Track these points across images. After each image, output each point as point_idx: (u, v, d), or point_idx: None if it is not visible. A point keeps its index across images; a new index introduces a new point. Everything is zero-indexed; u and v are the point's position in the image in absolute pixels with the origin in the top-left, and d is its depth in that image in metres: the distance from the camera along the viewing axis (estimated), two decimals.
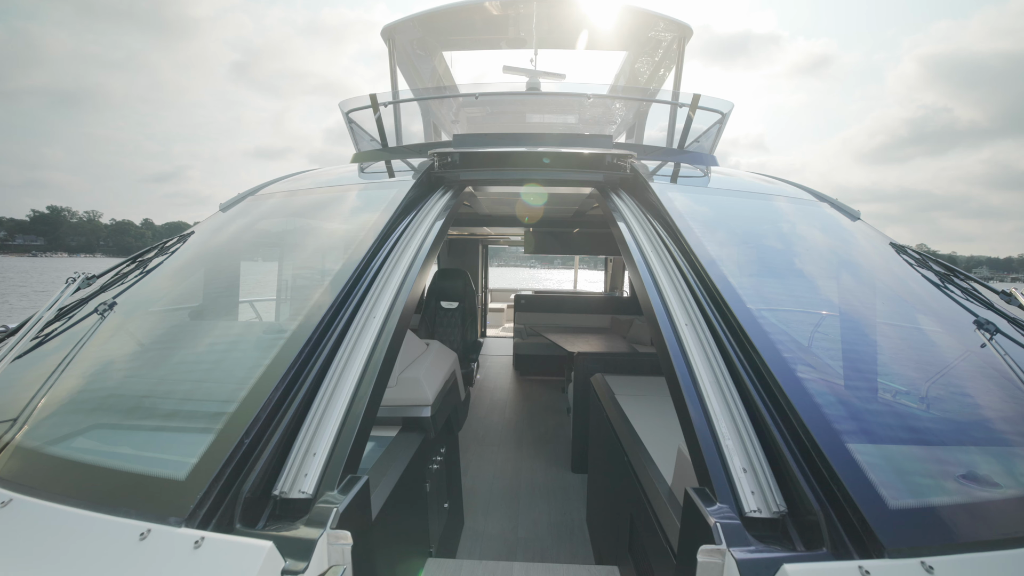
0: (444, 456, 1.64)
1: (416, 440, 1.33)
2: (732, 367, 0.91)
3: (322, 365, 0.90)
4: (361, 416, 0.82)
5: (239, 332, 1.17)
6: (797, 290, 1.22)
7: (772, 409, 0.81)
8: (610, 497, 1.66)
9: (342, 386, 0.87)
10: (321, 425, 0.81)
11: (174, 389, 0.97)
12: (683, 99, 2.57)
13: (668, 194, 1.52)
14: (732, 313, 0.99)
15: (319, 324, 0.95)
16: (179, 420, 0.87)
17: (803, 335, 1.01)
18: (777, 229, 1.56)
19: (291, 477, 0.74)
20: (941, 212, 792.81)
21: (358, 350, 0.94)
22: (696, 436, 0.79)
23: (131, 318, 1.23)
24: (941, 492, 0.69)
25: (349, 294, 1.06)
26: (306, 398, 0.84)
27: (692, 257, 1.19)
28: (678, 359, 0.94)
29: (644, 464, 1.25)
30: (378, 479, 1.11)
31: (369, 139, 2.89)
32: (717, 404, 0.84)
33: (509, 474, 2.77)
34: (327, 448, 0.77)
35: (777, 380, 0.82)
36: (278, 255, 1.54)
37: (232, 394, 0.83)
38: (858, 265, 1.40)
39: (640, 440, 1.39)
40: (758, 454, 0.75)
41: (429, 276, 1.31)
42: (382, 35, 3.47)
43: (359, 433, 0.81)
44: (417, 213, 1.45)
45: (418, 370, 1.44)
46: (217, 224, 1.74)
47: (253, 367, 0.88)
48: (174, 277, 1.44)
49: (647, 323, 1.12)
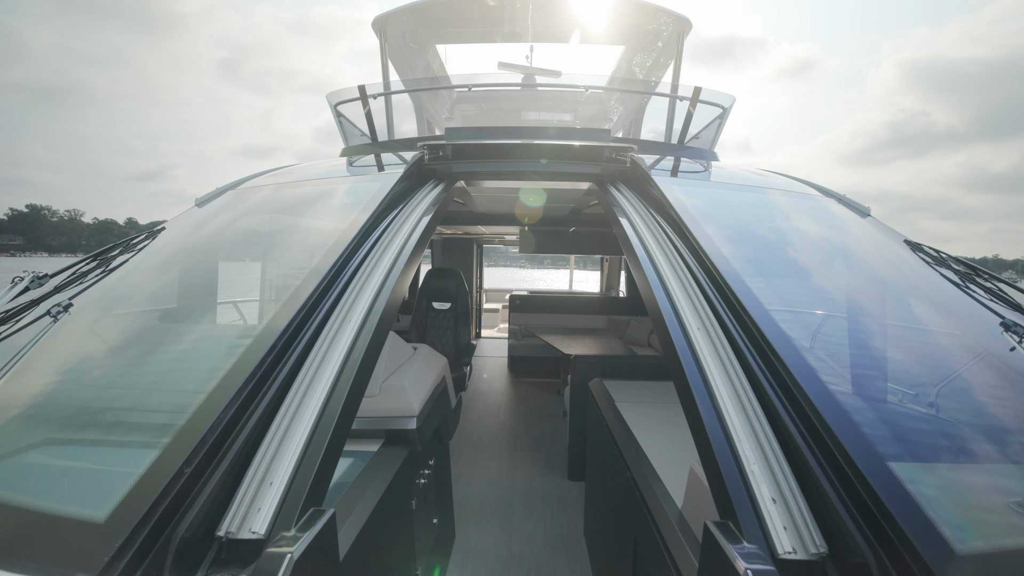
0: (433, 468, 1.53)
1: (400, 454, 1.22)
2: (752, 377, 0.81)
3: (287, 376, 0.78)
4: (329, 435, 0.71)
5: (197, 339, 1.05)
6: (818, 291, 1.13)
7: (802, 427, 0.70)
8: (610, 512, 1.56)
9: (309, 400, 0.75)
10: (282, 448, 0.69)
11: (111, 407, 0.83)
12: (683, 92, 2.49)
13: (672, 188, 1.43)
14: (749, 316, 0.89)
15: (285, 330, 0.83)
16: (111, 445, 0.75)
17: (830, 341, 0.91)
18: (789, 226, 1.48)
19: (241, 513, 0.61)
20: (920, 213, 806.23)
21: (330, 358, 0.82)
22: (715, 459, 0.68)
23: (82, 323, 1.10)
24: (1017, 532, 0.59)
25: (323, 296, 0.95)
26: (265, 416, 0.72)
27: (701, 255, 1.10)
28: (691, 368, 0.84)
29: (649, 481, 1.15)
30: (354, 502, 0.99)
31: (359, 134, 2.76)
32: (738, 420, 0.73)
33: (503, 482, 2.66)
34: (287, 475, 0.65)
35: (806, 393, 0.72)
36: (252, 253, 1.42)
37: (176, 413, 0.71)
38: (878, 264, 1.32)
39: (644, 454, 1.29)
40: (789, 481, 0.65)
41: (412, 275, 1.20)
42: (373, 26, 3.35)
43: (327, 456, 0.69)
44: (404, 207, 1.35)
45: (403, 377, 1.32)
46: (190, 220, 1.62)
47: (205, 380, 0.75)
48: (138, 276, 1.31)
49: (654, 326, 1.02)
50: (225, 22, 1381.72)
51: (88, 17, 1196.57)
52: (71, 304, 1.15)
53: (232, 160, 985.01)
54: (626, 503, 1.32)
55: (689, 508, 0.95)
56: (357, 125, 2.74)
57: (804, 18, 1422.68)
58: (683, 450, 1.35)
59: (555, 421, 3.71)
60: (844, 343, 0.92)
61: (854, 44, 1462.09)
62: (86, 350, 1.04)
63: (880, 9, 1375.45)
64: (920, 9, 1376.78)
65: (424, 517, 1.42)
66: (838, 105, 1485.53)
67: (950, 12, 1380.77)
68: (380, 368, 1.26)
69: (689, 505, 0.95)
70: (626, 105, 3.75)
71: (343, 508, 0.96)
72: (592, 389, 2.02)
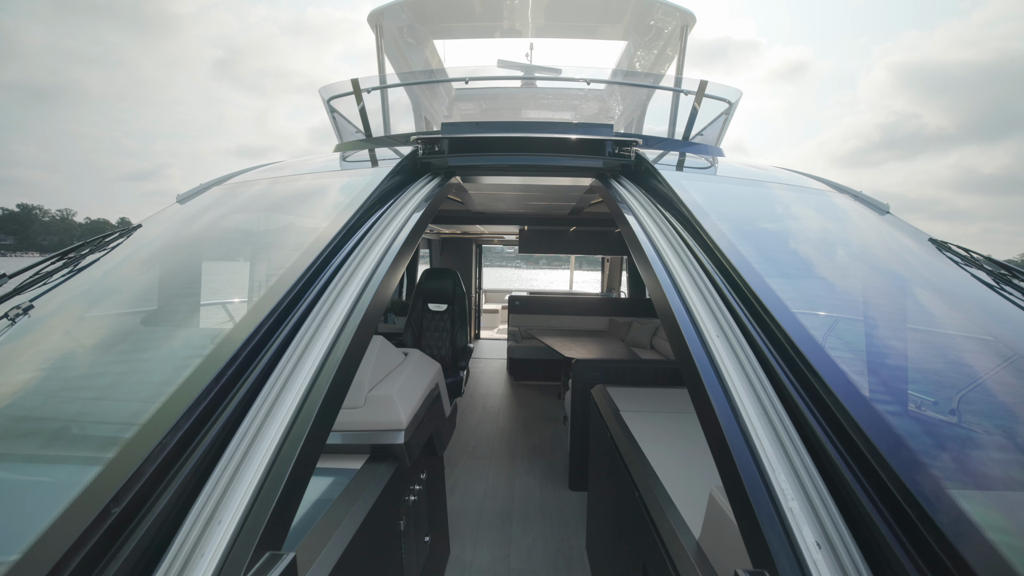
0: (425, 483, 1.43)
1: (387, 471, 1.11)
2: (782, 392, 0.70)
3: (250, 391, 0.68)
4: (294, 460, 0.60)
5: (160, 346, 0.95)
6: (848, 295, 1.03)
7: (846, 454, 0.60)
8: (616, 531, 1.46)
9: (274, 418, 0.64)
10: (237, 477, 0.58)
11: (42, 428, 0.71)
12: (688, 86, 2.40)
13: (681, 183, 1.34)
14: (775, 321, 0.79)
15: (250, 338, 0.73)
16: (33, 471, 0.63)
17: (869, 351, 0.81)
18: (808, 223, 1.38)
19: (179, 561, 0.50)
20: (913, 215, 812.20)
21: (302, 368, 0.72)
22: (745, 491, 0.57)
23: (42, 326, 1.01)
24: None
25: (298, 298, 0.85)
26: (220, 439, 0.62)
27: (717, 253, 1.00)
28: (710, 380, 0.74)
29: (660, 503, 1.04)
30: (331, 529, 0.89)
31: (354, 131, 2.68)
32: (768, 445, 0.63)
33: (501, 492, 2.55)
34: (240, 511, 0.54)
35: (849, 413, 0.61)
36: (231, 252, 1.32)
37: (108, 441, 0.60)
38: (908, 265, 1.22)
39: (653, 471, 1.18)
40: (836, 520, 0.54)
41: (400, 274, 1.11)
42: (369, 20, 3.27)
43: (290, 486, 0.58)
44: (394, 203, 1.25)
45: (391, 386, 1.21)
46: (169, 217, 1.52)
47: (153, 397, 0.65)
48: (108, 277, 1.22)
49: (666, 331, 0.93)
50: (220, 22, 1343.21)
51: (83, 17, 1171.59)
52: (32, 306, 1.05)
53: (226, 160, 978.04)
54: (634, 525, 1.22)
55: (709, 542, 0.85)
56: (351, 121, 2.65)
57: (797, 21, 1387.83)
58: (696, 468, 1.24)
59: (555, 426, 3.61)
60: (886, 353, 0.82)
61: (846, 47, 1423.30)
62: (41, 356, 0.94)
63: (871, 12, 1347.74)
64: (910, 12, 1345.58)
65: (414, 536, 1.32)
66: (830, 107, 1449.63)
67: (939, 16, 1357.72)
68: (366, 376, 1.16)
69: (709, 538, 0.85)
70: (627, 103, 3.67)
71: (317, 537, 0.86)
72: (595, 396, 1.92)
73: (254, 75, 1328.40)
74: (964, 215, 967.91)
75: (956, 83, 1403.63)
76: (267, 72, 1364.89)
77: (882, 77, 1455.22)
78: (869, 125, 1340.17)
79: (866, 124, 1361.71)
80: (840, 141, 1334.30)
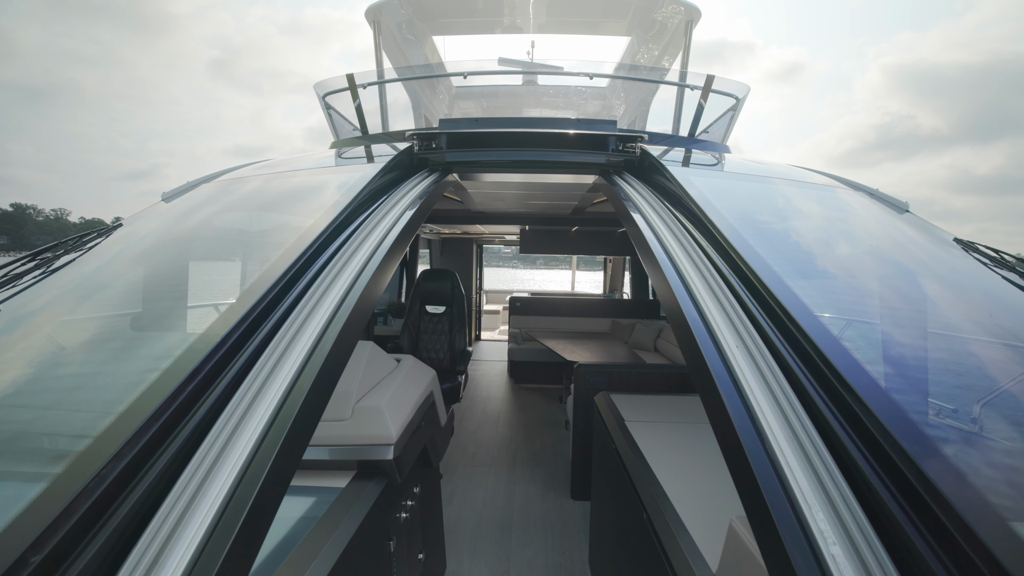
0: (419, 497, 1.35)
1: (375, 489, 1.03)
2: (811, 407, 0.63)
3: (213, 407, 0.60)
4: (258, 487, 0.52)
5: (125, 355, 0.88)
6: (881, 300, 0.94)
7: (893, 487, 0.51)
8: (622, 551, 1.38)
9: (241, 435, 0.57)
10: (194, 505, 0.50)
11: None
12: (694, 80, 2.31)
13: (691, 179, 1.26)
14: (799, 328, 0.71)
15: (220, 344, 0.66)
16: None
17: (910, 364, 0.73)
18: (828, 223, 1.30)
19: None
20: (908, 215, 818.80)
21: (276, 377, 0.64)
22: (776, 530, 0.49)
23: (7, 330, 0.93)
24: None
25: (276, 301, 0.77)
26: (173, 465, 0.54)
27: (732, 253, 0.92)
28: (730, 394, 0.66)
29: (671, 528, 0.96)
30: (307, 560, 0.81)
31: (351, 129, 2.61)
32: (800, 472, 0.54)
33: (501, 502, 2.47)
34: (194, 544, 0.47)
35: (890, 432, 0.54)
36: (211, 253, 1.25)
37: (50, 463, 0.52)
38: (941, 268, 1.14)
39: (663, 491, 1.10)
40: (883, 563, 0.46)
41: (391, 274, 1.04)
42: (366, 16, 3.20)
43: (256, 511, 0.51)
44: (386, 199, 1.18)
45: (381, 396, 1.13)
46: (151, 216, 1.45)
47: (101, 416, 0.57)
48: (82, 279, 1.15)
49: (677, 336, 0.85)
50: (217, 22, 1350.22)
51: (79, 16, 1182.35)
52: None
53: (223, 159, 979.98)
54: (643, 549, 1.13)
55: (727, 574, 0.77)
56: (348, 119, 2.58)
57: (792, 22, 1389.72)
58: (711, 488, 1.15)
59: (557, 431, 3.53)
60: (929, 366, 0.73)
61: (841, 48, 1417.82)
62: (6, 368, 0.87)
63: (866, 14, 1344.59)
64: (905, 14, 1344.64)
65: (407, 555, 1.24)
66: (826, 108, 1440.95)
67: (934, 17, 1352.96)
68: (353, 386, 1.08)
69: (727, 571, 0.77)
70: (630, 102, 3.60)
71: (295, 565, 0.78)
72: (598, 404, 1.84)
73: (251, 75, 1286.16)
74: (959, 215, 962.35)
75: (950, 84, 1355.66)
76: (264, 72, 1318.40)
77: (877, 78, 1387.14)
78: (864, 126, 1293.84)
79: (861, 125, 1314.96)
80: (835, 142, 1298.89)
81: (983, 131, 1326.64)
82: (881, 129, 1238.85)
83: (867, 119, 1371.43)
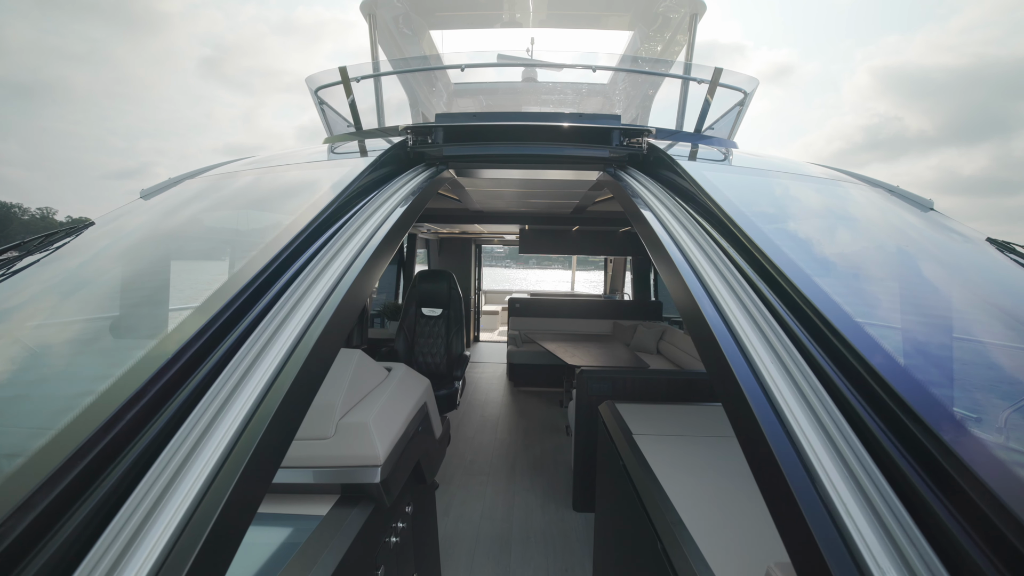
0: (411, 517, 1.25)
1: (362, 514, 0.93)
2: (860, 427, 0.54)
3: (171, 422, 0.52)
4: (221, 506, 0.45)
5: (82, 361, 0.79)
6: (926, 303, 0.86)
7: (956, 512, 0.43)
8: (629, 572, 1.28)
9: (198, 459, 0.49)
10: (146, 529, 0.43)
11: None
12: (700, 73, 2.22)
13: (704, 174, 1.18)
14: (836, 332, 0.63)
15: (183, 350, 0.58)
16: None
17: (968, 373, 0.64)
18: (855, 221, 1.22)
19: None
20: None
21: (241, 392, 0.56)
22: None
23: None
24: None
25: (250, 303, 0.69)
26: (128, 478, 0.47)
27: (754, 251, 0.83)
28: (761, 406, 0.58)
29: (692, 564, 0.86)
30: None
31: (346, 125, 2.51)
32: (853, 503, 0.46)
33: (500, 514, 2.36)
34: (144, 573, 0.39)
35: (954, 452, 0.45)
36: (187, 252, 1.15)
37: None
38: (978, 270, 1.05)
39: (680, 519, 0.99)
40: None
41: (379, 273, 0.96)
42: (361, 10, 3.11)
43: (212, 542, 0.44)
44: (376, 195, 1.09)
45: (368, 411, 1.02)
46: (127, 213, 1.36)
47: (44, 429, 0.49)
48: (44, 280, 1.05)
49: (696, 342, 0.76)
50: (209, 20, 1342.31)
51: (69, 14, 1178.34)
52: None
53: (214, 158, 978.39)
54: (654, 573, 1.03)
55: None
56: (341, 114, 2.49)
57: (782, 24, 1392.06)
58: (734, 518, 1.03)
59: (558, 437, 3.43)
60: (970, 371, 0.65)
61: (830, 50, 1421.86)
62: None
63: (854, 16, 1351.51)
64: (891, 17, 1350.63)
65: None
66: (815, 109, 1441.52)
67: (919, 21, 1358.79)
68: (338, 399, 0.99)
69: None
70: (632, 98, 3.51)
71: None
72: (603, 415, 1.74)
73: (243, 73, 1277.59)
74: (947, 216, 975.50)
75: (936, 87, 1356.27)
76: (256, 71, 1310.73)
77: (865, 80, 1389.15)
78: (852, 127, 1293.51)
79: (849, 126, 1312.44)
80: (824, 143, 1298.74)
81: (968, 133, 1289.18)
82: (869, 130, 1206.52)
83: (855, 120, 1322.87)
